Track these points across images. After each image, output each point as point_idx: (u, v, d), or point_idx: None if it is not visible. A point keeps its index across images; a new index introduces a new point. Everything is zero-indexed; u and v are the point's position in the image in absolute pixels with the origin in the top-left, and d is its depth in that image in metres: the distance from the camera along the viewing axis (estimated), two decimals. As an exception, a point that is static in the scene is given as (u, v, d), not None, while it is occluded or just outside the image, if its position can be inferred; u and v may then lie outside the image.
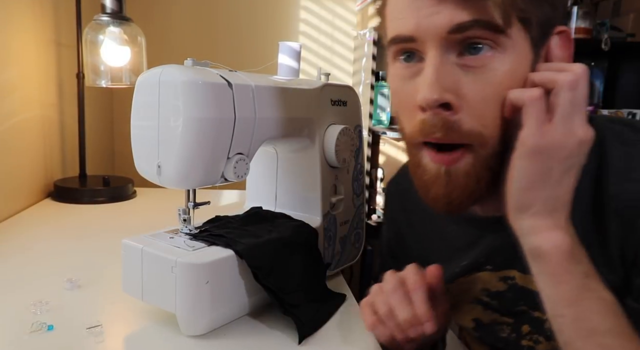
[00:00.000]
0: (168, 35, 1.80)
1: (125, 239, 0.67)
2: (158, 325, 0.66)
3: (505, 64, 0.47)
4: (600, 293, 0.46)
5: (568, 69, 0.46)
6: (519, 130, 0.46)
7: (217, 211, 0.79)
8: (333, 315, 0.71)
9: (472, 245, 0.63)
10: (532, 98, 0.45)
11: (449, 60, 0.48)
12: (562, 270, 0.46)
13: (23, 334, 0.62)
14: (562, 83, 0.45)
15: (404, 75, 0.52)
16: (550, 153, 0.45)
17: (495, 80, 0.47)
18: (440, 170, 0.51)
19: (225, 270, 0.64)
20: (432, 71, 0.47)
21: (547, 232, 0.47)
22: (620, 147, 0.53)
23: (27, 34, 1.23)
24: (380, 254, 0.83)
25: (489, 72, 0.47)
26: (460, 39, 0.47)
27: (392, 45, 0.52)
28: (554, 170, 0.46)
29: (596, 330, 0.45)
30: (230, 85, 0.64)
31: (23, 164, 1.23)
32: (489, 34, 0.46)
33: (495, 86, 0.47)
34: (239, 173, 0.66)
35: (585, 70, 0.46)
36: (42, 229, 1.08)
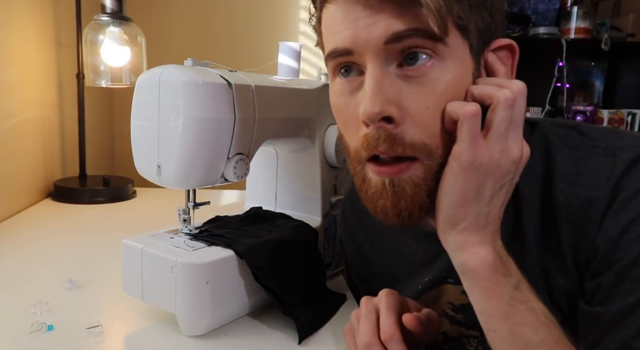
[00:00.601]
0: (168, 35, 1.80)
1: (125, 239, 0.67)
2: (158, 325, 0.66)
3: (446, 72, 0.46)
4: (531, 304, 0.46)
5: (507, 85, 0.46)
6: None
7: (217, 211, 0.79)
8: (333, 316, 0.71)
9: (432, 260, 0.62)
10: (467, 114, 0.44)
11: (389, 71, 0.46)
12: (491, 284, 0.46)
13: (23, 334, 0.62)
14: (499, 100, 0.45)
15: (344, 90, 0.50)
16: (484, 170, 0.45)
17: (438, 89, 0.46)
18: (384, 183, 0.49)
19: (225, 270, 0.64)
20: (373, 83, 0.46)
21: (473, 247, 0.47)
22: (567, 151, 0.52)
23: (27, 34, 1.23)
24: (348, 282, 0.81)
25: (430, 82, 0.46)
26: (398, 49, 0.46)
27: (330, 60, 0.50)
28: (486, 187, 0.46)
29: (529, 343, 0.45)
30: (230, 85, 0.64)
31: (23, 164, 1.23)
32: (427, 43, 0.45)
33: (438, 96, 0.46)
34: (239, 173, 0.66)
35: (523, 87, 0.46)
36: (42, 229, 1.08)
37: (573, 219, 0.50)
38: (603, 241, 0.48)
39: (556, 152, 0.53)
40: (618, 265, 0.47)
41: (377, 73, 0.46)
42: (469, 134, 0.44)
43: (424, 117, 0.46)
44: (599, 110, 2.11)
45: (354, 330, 0.56)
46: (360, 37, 0.46)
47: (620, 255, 0.47)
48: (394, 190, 0.48)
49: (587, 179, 0.50)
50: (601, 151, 0.51)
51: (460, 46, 0.47)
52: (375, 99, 0.45)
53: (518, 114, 0.46)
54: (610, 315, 0.48)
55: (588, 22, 1.98)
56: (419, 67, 0.46)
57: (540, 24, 1.98)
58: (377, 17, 0.45)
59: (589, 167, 0.51)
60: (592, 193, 0.49)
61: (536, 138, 0.54)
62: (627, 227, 0.47)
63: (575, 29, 1.99)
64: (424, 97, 0.46)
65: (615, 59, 2.24)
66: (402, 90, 0.46)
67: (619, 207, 0.48)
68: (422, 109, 0.46)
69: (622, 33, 2.06)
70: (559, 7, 2.02)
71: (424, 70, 0.46)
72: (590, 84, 2.29)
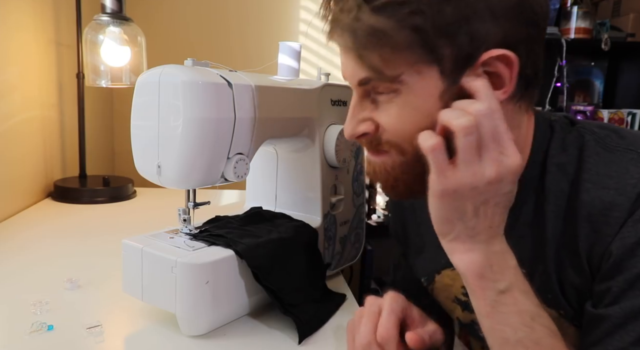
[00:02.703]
0: (168, 35, 1.80)
1: (126, 239, 0.67)
2: (158, 325, 0.66)
3: (405, 103, 0.52)
4: (518, 306, 0.48)
5: (469, 110, 0.47)
6: None
7: (217, 211, 0.79)
8: (333, 315, 0.71)
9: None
10: (427, 150, 0.47)
11: (368, 96, 0.54)
12: (475, 288, 0.49)
13: (23, 334, 0.62)
14: (456, 129, 0.46)
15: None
16: (458, 195, 0.48)
17: (402, 113, 0.52)
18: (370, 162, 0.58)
19: (225, 270, 0.64)
20: (350, 110, 0.56)
21: (461, 254, 0.50)
22: (602, 152, 0.54)
23: (27, 34, 1.23)
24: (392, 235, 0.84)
25: (394, 108, 0.52)
26: (368, 88, 0.54)
27: None
28: (467, 206, 0.48)
29: (508, 341, 0.49)
30: (230, 85, 0.64)
31: (23, 164, 1.23)
32: (383, 84, 0.52)
33: (402, 118, 0.52)
34: (239, 173, 0.66)
35: (485, 109, 0.47)
36: (42, 229, 1.08)
37: (594, 221, 0.51)
38: (619, 247, 0.49)
39: (590, 152, 0.54)
40: (629, 273, 0.48)
41: (354, 101, 0.56)
42: (434, 167, 0.47)
43: (395, 130, 0.53)
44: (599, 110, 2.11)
45: (355, 328, 0.57)
46: (344, 74, 0.57)
47: (633, 263, 0.48)
48: (374, 170, 0.57)
49: (615, 183, 0.51)
50: (635, 156, 0.52)
51: (417, 80, 0.51)
52: (350, 122, 0.55)
53: (489, 134, 0.46)
54: (614, 319, 0.49)
55: (588, 22, 1.98)
56: (381, 98, 0.53)
57: (540, 24, 1.98)
58: (348, 63, 0.54)
59: (620, 171, 0.52)
60: (617, 197, 0.50)
61: (573, 137, 0.56)
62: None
63: (575, 29, 1.99)
64: (390, 117, 0.53)
65: (615, 59, 2.23)
66: (375, 110, 0.54)
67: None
68: (392, 126, 0.53)
69: (622, 33, 2.05)
70: (559, 7, 2.02)
71: (388, 99, 0.53)
72: (590, 84, 2.29)
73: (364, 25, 0.49)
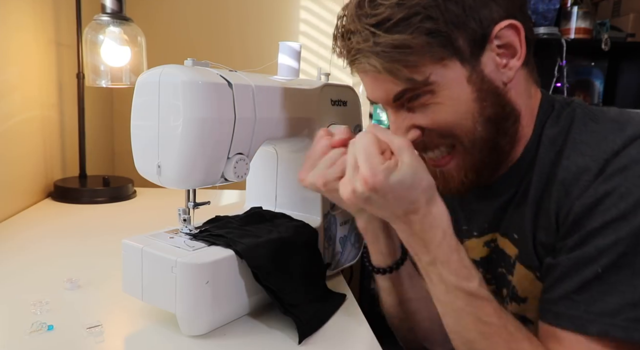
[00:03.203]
0: (168, 35, 1.80)
1: (126, 239, 0.67)
2: (158, 325, 0.66)
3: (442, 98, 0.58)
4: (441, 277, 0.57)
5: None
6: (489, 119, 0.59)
7: (217, 211, 0.79)
8: (333, 315, 0.71)
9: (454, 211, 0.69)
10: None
11: (403, 108, 0.61)
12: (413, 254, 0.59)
13: (23, 334, 0.62)
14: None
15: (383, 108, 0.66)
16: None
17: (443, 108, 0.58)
18: (435, 172, 0.64)
19: (225, 270, 0.64)
20: (392, 123, 0.62)
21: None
22: (589, 123, 0.59)
23: (27, 34, 1.23)
24: None
25: (435, 106, 0.59)
26: (403, 98, 0.59)
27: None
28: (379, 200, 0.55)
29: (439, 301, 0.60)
30: (230, 85, 0.64)
31: (23, 164, 1.23)
32: (417, 90, 0.58)
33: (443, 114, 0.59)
34: (239, 173, 0.66)
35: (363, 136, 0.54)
36: (42, 229, 1.08)
37: (567, 184, 0.57)
38: (579, 206, 0.55)
39: (579, 123, 0.60)
40: (584, 230, 0.54)
41: (392, 115, 0.62)
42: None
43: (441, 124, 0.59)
44: (598, 110, 2.11)
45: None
46: (375, 97, 0.62)
47: (588, 222, 0.54)
48: (444, 177, 0.64)
49: (591, 150, 0.56)
50: (617, 126, 0.57)
51: (444, 73, 0.57)
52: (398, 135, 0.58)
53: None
54: (561, 267, 0.55)
55: (588, 22, 1.98)
56: (418, 103, 0.59)
57: (540, 24, 1.98)
58: (377, 84, 0.60)
59: (599, 138, 0.57)
60: (590, 163, 0.55)
61: (567, 112, 0.62)
62: (603, 198, 0.53)
63: (575, 29, 1.99)
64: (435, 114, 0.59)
65: (615, 59, 2.23)
66: (414, 118, 0.60)
67: (603, 179, 0.54)
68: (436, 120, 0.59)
69: (622, 33, 2.05)
70: (559, 7, 2.01)
71: (422, 102, 0.59)
72: (591, 84, 2.29)
73: (385, 46, 0.55)
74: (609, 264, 0.52)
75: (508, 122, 0.60)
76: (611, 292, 0.51)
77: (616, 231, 0.52)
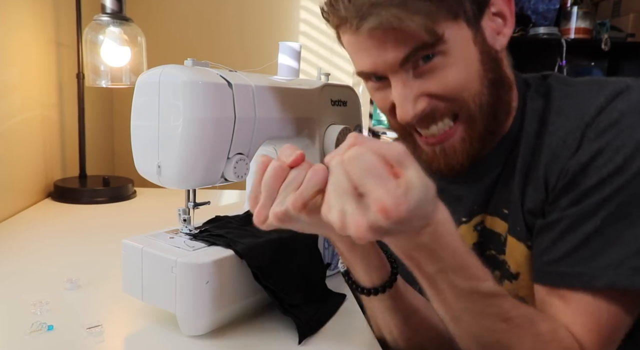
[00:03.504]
0: (168, 35, 1.80)
1: (126, 239, 0.67)
2: (158, 325, 0.66)
3: (455, 59, 0.56)
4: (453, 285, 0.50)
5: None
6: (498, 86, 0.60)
7: (217, 211, 0.79)
8: (333, 316, 0.71)
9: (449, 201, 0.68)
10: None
11: (408, 76, 0.57)
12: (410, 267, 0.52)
13: (23, 334, 0.62)
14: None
15: (376, 87, 0.62)
16: None
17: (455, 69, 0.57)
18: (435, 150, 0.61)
19: (225, 270, 0.64)
20: (399, 94, 0.57)
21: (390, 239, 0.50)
22: (564, 88, 0.61)
23: (27, 34, 1.23)
24: None
25: (447, 68, 0.56)
26: (410, 63, 0.56)
27: (360, 75, 0.62)
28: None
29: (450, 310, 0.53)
30: (230, 85, 0.64)
31: (23, 164, 1.23)
32: (429, 50, 0.55)
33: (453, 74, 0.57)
34: (239, 173, 0.66)
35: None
36: (42, 229, 1.08)
37: (554, 147, 0.57)
38: (574, 164, 0.55)
39: (557, 91, 0.61)
40: (580, 189, 0.54)
41: (399, 84, 0.57)
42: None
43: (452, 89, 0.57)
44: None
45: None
46: (378, 64, 0.57)
47: (584, 180, 0.53)
48: (445, 154, 0.61)
49: (575, 111, 0.57)
50: (595, 86, 0.58)
51: (456, 32, 0.56)
52: (405, 105, 0.57)
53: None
54: (560, 227, 0.54)
55: (588, 22, 1.98)
56: (430, 65, 0.56)
57: (540, 24, 1.98)
58: (384, 47, 0.55)
59: (581, 99, 0.58)
60: (575, 123, 0.56)
61: (544, 85, 0.63)
62: (597, 155, 0.53)
63: (575, 29, 1.99)
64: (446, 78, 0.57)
65: (615, 59, 2.24)
66: (423, 84, 0.57)
67: (595, 135, 0.54)
68: (448, 84, 0.57)
69: (622, 33, 2.05)
70: (559, 7, 2.02)
71: (434, 65, 0.56)
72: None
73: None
74: (608, 216, 0.52)
75: (504, 89, 0.61)
76: (613, 243, 0.52)
77: (613, 184, 0.52)
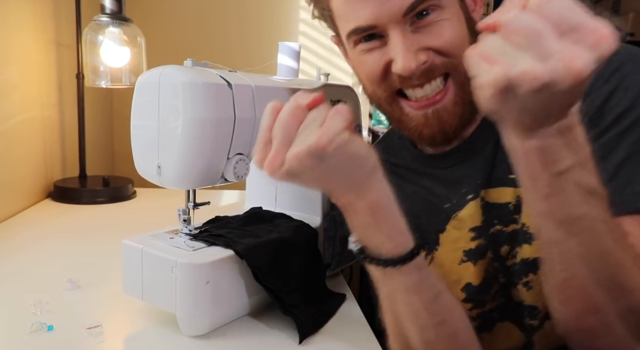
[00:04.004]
0: (168, 35, 1.80)
1: (126, 239, 0.67)
2: (158, 325, 0.66)
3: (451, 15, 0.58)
4: (581, 183, 0.43)
5: None
6: None
7: (217, 211, 0.79)
8: (333, 316, 0.71)
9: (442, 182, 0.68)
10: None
11: (407, 30, 0.57)
12: (536, 168, 0.44)
13: (23, 334, 0.62)
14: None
15: (366, 49, 0.60)
16: None
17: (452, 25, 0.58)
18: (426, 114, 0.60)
19: (225, 270, 0.64)
20: (401, 46, 0.56)
21: (524, 135, 0.44)
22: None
23: (27, 34, 1.23)
24: None
25: (443, 24, 0.57)
26: (413, 14, 0.56)
27: (352, 36, 0.60)
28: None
29: (569, 218, 0.44)
30: (230, 86, 0.64)
31: (23, 165, 1.23)
32: (431, 2, 0.56)
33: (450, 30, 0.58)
34: (239, 173, 0.66)
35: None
36: (42, 229, 1.08)
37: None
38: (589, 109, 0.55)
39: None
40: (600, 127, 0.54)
41: (401, 36, 0.56)
42: None
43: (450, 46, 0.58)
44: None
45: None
46: (381, 14, 0.56)
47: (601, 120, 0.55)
48: (439, 116, 0.60)
49: None
50: None
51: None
52: (407, 57, 0.56)
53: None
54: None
55: (588, 22, 1.98)
56: (427, 19, 0.57)
57: (540, 24, 1.98)
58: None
59: None
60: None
61: None
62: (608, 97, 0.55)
63: (575, 28, 1.99)
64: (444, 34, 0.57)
65: (615, 58, 2.23)
66: (422, 38, 0.57)
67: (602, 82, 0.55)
68: (447, 41, 0.57)
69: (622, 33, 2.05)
70: (558, 7, 2.02)
71: (431, 19, 0.57)
72: (590, 83, 2.29)
73: None
74: (632, 144, 0.53)
75: None
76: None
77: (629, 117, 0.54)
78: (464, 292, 0.65)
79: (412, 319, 0.55)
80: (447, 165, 0.67)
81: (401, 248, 0.52)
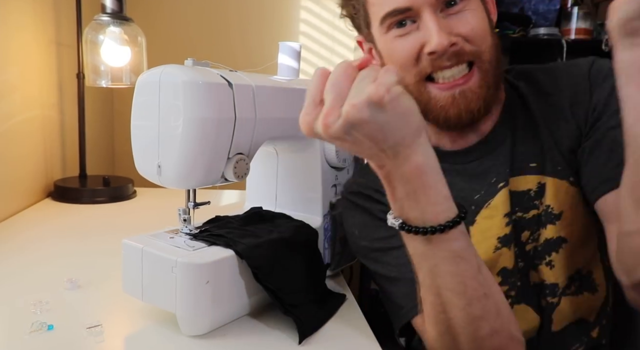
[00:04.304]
0: (168, 35, 1.80)
1: (126, 239, 0.67)
2: (158, 325, 0.66)
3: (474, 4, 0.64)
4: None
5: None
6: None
7: (217, 211, 0.79)
8: (333, 315, 0.71)
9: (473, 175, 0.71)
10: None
11: (438, 15, 0.63)
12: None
13: (23, 333, 0.62)
14: None
15: (399, 34, 0.65)
16: None
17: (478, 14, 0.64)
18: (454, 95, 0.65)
19: (225, 270, 0.64)
20: (436, 25, 0.62)
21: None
22: (540, 68, 0.74)
23: (28, 34, 1.23)
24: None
25: (471, 13, 0.63)
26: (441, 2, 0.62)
27: (387, 20, 0.65)
28: None
29: None
30: (230, 85, 0.64)
31: (23, 164, 1.23)
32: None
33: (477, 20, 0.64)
34: (239, 173, 0.66)
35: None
36: (42, 229, 1.08)
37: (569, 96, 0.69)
38: (598, 100, 0.66)
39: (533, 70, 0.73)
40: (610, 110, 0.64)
41: (435, 18, 0.62)
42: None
43: (477, 34, 0.64)
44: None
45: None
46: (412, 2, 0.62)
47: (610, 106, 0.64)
48: (465, 96, 0.65)
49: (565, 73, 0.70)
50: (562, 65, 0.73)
51: None
52: (441, 35, 0.61)
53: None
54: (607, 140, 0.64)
55: (588, 22, 1.98)
56: (456, 7, 0.63)
57: (541, 25, 1.98)
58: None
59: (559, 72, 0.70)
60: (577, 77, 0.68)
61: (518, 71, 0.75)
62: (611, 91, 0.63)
63: (576, 29, 1.98)
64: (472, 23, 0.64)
65: (616, 59, 2.23)
66: (453, 24, 0.63)
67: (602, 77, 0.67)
68: (475, 29, 0.64)
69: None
70: (559, 7, 2.02)
71: (459, 8, 0.63)
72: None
73: None
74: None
75: (500, 57, 0.68)
76: None
77: None
78: (499, 276, 0.70)
79: (460, 290, 0.54)
80: (471, 159, 0.71)
81: (448, 213, 0.51)
